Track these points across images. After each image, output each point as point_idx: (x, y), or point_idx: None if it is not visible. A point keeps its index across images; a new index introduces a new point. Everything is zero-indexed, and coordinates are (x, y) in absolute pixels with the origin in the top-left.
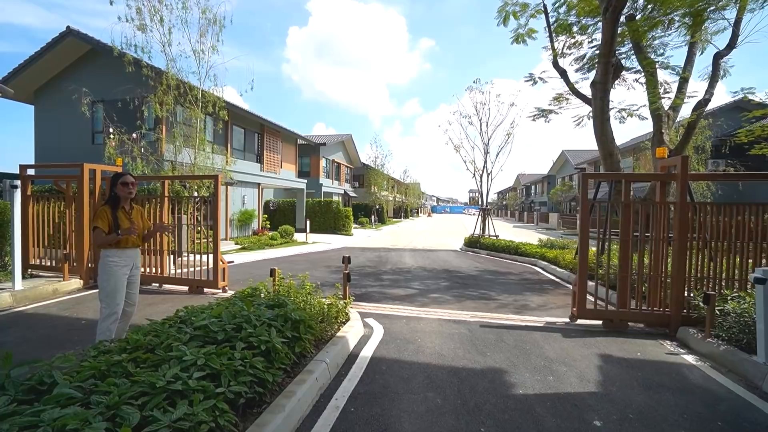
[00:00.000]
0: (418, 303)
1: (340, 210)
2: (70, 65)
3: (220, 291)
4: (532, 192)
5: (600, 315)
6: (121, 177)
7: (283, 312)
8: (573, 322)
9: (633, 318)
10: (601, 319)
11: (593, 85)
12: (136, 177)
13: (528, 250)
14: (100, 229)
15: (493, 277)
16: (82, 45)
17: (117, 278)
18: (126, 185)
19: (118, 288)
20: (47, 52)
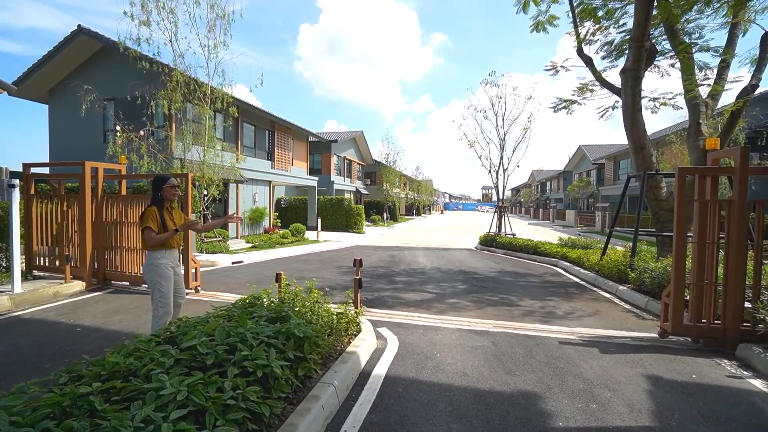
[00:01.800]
0: (435, 309)
1: (352, 207)
2: (81, 64)
3: (192, 291)
4: (547, 188)
5: (702, 332)
6: (168, 180)
7: (285, 328)
8: (664, 338)
9: (698, 333)
10: (703, 336)
11: (623, 73)
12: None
13: (548, 250)
14: (151, 229)
15: (512, 279)
16: (94, 43)
17: (167, 277)
18: (174, 188)
19: (169, 286)
20: (60, 52)
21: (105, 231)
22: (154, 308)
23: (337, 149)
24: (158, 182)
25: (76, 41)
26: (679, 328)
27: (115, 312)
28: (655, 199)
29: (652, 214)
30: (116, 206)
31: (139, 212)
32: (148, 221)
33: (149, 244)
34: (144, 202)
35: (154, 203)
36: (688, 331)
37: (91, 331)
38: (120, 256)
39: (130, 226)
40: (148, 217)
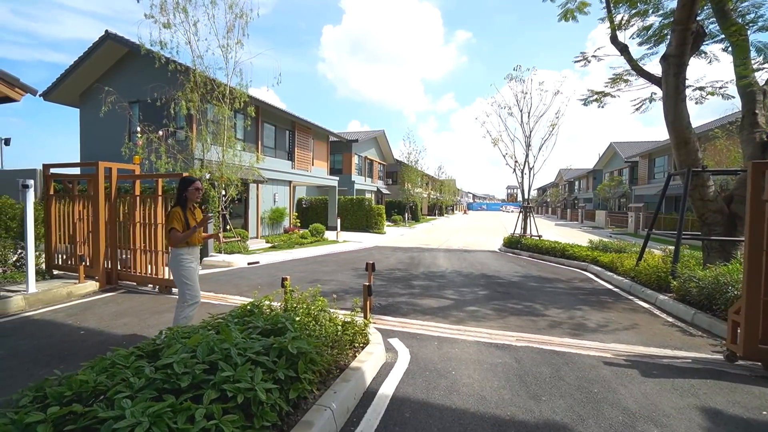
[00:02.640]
0: (453, 318)
1: (373, 207)
2: (109, 69)
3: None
4: (575, 188)
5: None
6: (193, 182)
7: (278, 343)
8: (732, 361)
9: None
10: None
11: (665, 60)
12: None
13: (577, 253)
14: (176, 229)
15: (538, 285)
16: (120, 48)
17: (193, 272)
18: (198, 190)
19: (195, 280)
20: (89, 57)
21: (118, 231)
22: (182, 301)
23: (358, 149)
24: (184, 184)
25: (104, 46)
26: (752, 352)
27: (121, 314)
28: (701, 199)
29: (697, 215)
30: (129, 206)
31: (150, 212)
32: (173, 222)
33: (174, 243)
34: (154, 201)
35: (179, 203)
36: (766, 356)
37: (94, 335)
38: (132, 257)
39: (141, 227)
40: (173, 218)
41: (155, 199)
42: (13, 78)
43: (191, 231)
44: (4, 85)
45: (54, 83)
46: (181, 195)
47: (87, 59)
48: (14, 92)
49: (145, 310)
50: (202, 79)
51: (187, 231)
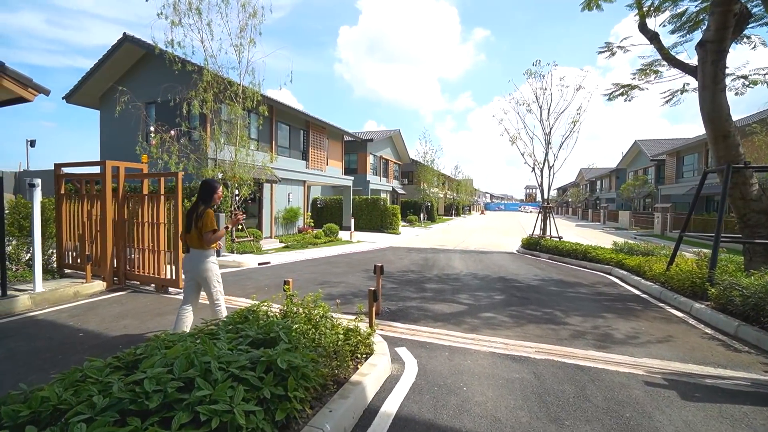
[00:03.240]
0: (466, 326)
1: (387, 207)
2: (127, 71)
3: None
4: (597, 187)
5: None
6: (217, 189)
7: (266, 356)
8: None
9: None
10: None
11: (702, 46)
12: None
13: (600, 256)
14: (216, 230)
15: (559, 290)
16: (137, 50)
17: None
18: (220, 197)
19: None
20: (108, 60)
21: (125, 230)
22: (215, 299)
23: (373, 148)
24: (211, 189)
25: (122, 49)
26: None
27: (123, 316)
28: (742, 198)
29: (738, 216)
30: (136, 205)
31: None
32: (213, 224)
33: (210, 244)
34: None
35: (208, 206)
36: None
37: (92, 337)
38: (138, 257)
39: (142, 226)
40: (211, 219)
41: (158, 199)
42: (26, 78)
43: (221, 234)
44: (18, 85)
45: (75, 86)
46: (209, 198)
47: (106, 62)
48: (27, 92)
49: (147, 312)
50: (215, 78)
51: (220, 232)
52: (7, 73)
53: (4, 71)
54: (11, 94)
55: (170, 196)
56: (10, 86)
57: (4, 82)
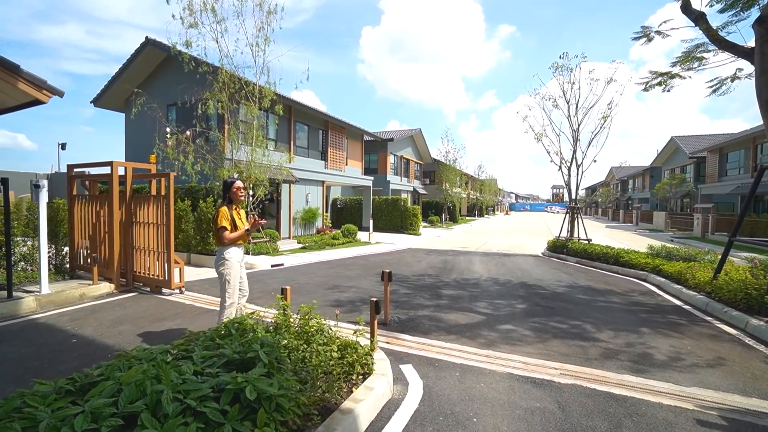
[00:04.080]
0: (482, 340)
1: (408, 208)
2: (149, 75)
3: (177, 291)
4: (629, 187)
5: None
6: (233, 183)
7: (234, 383)
8: None
9: None
10: None
11: (760, 24)
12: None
13: (634, 260)
14: (225, 228)
15: (588, 298)
16: (159, 53)
17: (236, 271)
18: (239, 189)
19: (236, 278)
20: (132, 63)
21: (132, 232)
22: (223, 300)
23: (394, 148)
24: (227, 185)
25: (144, 53)
26: None
27: (121, 321)
28: None
29: None
30: (142, 207)
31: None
32: (222, 221)
33: (223, 241)
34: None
35: (224, 203)
36: None
37: (84, 344)
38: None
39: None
40: (222, 216)
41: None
42: (40, 80)
43: (242, 233)
44: (33, 87)
45: (102, 90)
46: (225, 195)
47: (130, 66)
48: (42, 94)
49: (146, 317)
50: (231, 78)
51: (236, 232)
52: (22, 75)
53: (20, 73)
54: (27, 96)
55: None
56: (25, 88)
57: (20, 84)
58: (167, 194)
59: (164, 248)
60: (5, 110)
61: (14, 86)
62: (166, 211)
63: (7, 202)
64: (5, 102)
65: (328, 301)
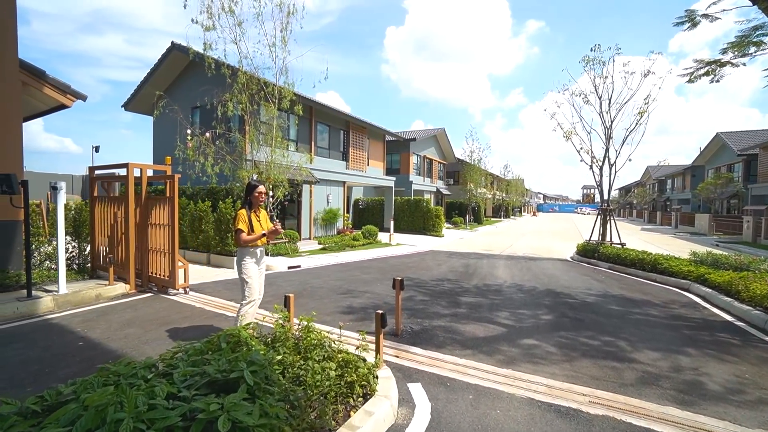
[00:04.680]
0: (501, 357)
1: (430, 209)
2: (175, 78)
3: (182, 291)
4: (667, 187)
5: None
6: (256, 187)
7: (207, 412)
8: None
9: None
10: None
11: None
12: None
13: (674, 268)
14: (241, 230)
15: (622, 310)
16: (184, 57)
17: (255, 272)
18: (260, 194)
19: (256, 280)
20: (159, 68)
21: (148, 233)
22: (243, 298)
23: (416, 148)
24: (249, 189)
25: (170, 57)
26: None
27: (130, 324)
28: None
29: None
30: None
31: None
32: (239, 223)
33: (240, 243)
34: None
35: (244, 206)
36: None
37: (89, 348)
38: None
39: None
40: (239, 219)
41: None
42: (65, 85)
43: (257, 236)
44: (57, 92)
45: (132, 94)
46: (246, 198)
47: (157, 70)
48: (66, 98)
49: (155, 320)
50: (250, 79)
51: (253, 234)
52: (47, 80)
53: (45, 79)
54: (53, 102)
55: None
56: (50, 93)
57: (45, 89)
58: (172, 196)
59: (169, 249)
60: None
61: (40, 91)
62: (170, 212)
63: (26, 205)
64: (35, 107)
65: (339, 308)
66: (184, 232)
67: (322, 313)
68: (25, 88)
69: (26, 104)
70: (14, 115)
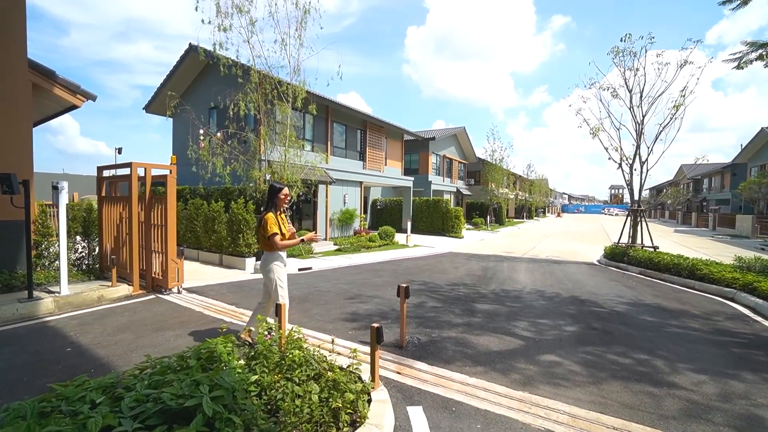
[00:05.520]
0: (517, 376)
1: (450, 210)
2: (194, 80)
3: (175, 291)
4: (703, 187)
5: None
6: (281, 189)
7: None
8: None
9: None
10: None
11: None
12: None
13: (715, 274)
14: (277, 233)
15: (657, 321)
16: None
17: (284, 274)
18: (285, 197)
19: (285, 281)
20: (178, 69)
21: (152, 233)
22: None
23: (436, 147)
24: (273, 191)
25: (188, 59)
26: None
27: (124, 328)
28: None
29: None
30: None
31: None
32: (272, 227)
33: (276, 247)
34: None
35: (270, 209)
36: None
37: (75, 356)
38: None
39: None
40: (270, 223)
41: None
42: (74, 85)
43: (296, 241)
44: (68, 92)
45: (152, 97)
46: (271, 201)
47: (176, 72)
48: (76, 99)
49: (150, 325)
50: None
51: (290, 239)
52: (57, 81)
53: (55, 79)
54: (65, 102)
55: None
56: (60, 93)
57: (55, 89)
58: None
59: (162, 248)
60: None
61: (51, 91)
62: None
63: (28, 204)
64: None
65: (343, 314)
66: (198, 233)
67: (325, 320)
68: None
69: (40, 106)
70: (24, 116)
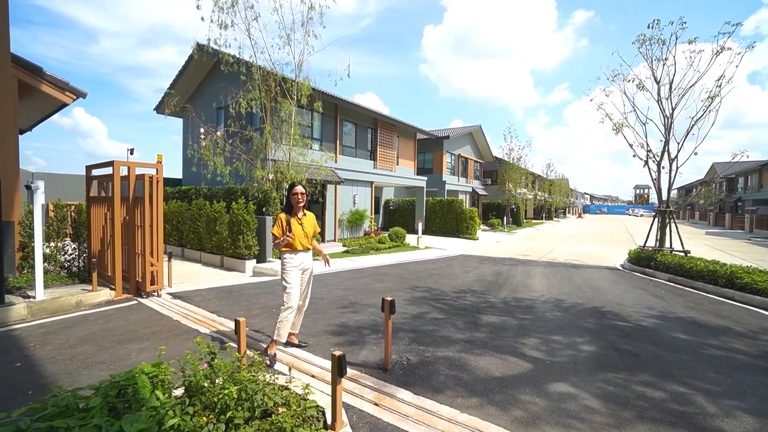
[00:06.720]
0: (519, 412)
1: (464, 210)
2: (202, 80)
3: (155, 295)
4: (738, 186)
5: None
6: (292, 187)
7: None
8: None
9: None
10: None
11: None
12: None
13: (760, 284)
14: (273, 235)
15: (692, 340)
16: (210, 59)
17: (295, 279)
18: (296, 194)
19: (294, 285)
20: (186, 70)
21: (135, 236)
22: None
23: (450, 146)
24: (288, 190)
25: (195, 59)
26: None
27: (88, 339)
28: None
29: None
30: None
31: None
32: (273, 227)
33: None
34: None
35: (284, 209)
36: None
37: (20, 373)
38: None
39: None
40: (275, 223)
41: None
42: (63, 82)
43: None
44: (56, 89)
45: (162, 98)
46: (287, 200)
47: (185, 72)
48: (65, 96)
49: (119, 336)
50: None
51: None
52: (45, 77)
53: (42, 76)
54: (53, 101)
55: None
56: (49, 90)
57: (43, 86)
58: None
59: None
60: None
61: (38, 89)
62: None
63: None
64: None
65: (330, 326)
66: (200, 234)
67: (307, 334)
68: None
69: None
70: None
